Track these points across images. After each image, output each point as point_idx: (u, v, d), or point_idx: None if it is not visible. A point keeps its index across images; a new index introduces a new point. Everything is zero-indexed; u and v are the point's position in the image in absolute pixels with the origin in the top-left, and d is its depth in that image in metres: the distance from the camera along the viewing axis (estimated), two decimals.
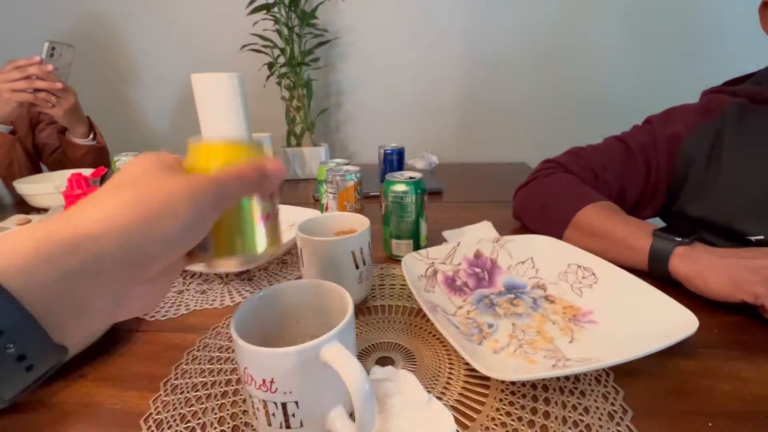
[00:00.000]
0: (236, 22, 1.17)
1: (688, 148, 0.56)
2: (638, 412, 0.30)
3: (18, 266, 0.16)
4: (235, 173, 0.23)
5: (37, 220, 0.74)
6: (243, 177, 0.23)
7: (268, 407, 0.26)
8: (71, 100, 0.93)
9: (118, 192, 0.20)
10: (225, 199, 0.23)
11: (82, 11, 1.32)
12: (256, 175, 0.24)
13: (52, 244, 0.17)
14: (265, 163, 0.24)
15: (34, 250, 0.17)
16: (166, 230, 0.20)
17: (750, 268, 0.39)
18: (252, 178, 0.24)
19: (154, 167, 0.21)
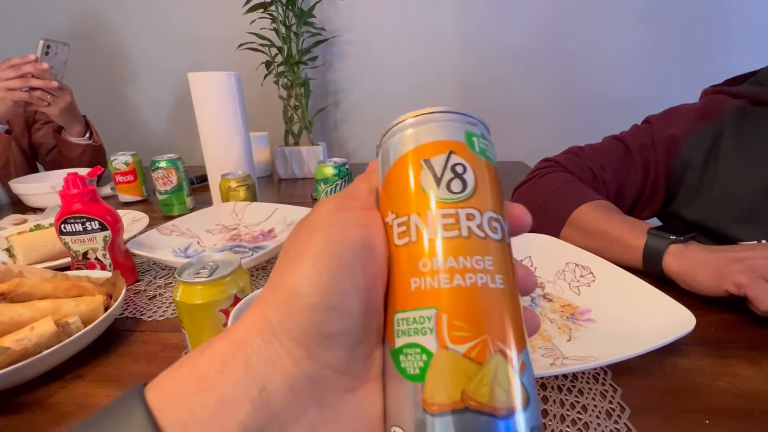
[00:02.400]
0: (233, 20, 1.16)
1: (686, 151, 0.57)
2: (636, 409, 0.30)
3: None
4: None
5: (33, 220, 0.74)
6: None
7: None
8: (67, 98, 0.93)
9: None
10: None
11: (78, 9, 1.32)
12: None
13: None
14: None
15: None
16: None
17: (733, 259, 0.39)
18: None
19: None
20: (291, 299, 0.14)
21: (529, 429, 0.13)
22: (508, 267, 0.15)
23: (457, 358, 0.13)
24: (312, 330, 0.14)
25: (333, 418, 0.14)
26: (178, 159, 0.78)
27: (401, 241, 0.15)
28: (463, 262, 0.14)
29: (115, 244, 0.50)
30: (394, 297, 0.15)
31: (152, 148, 1.37)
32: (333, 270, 0.14)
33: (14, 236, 0.57)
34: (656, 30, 1.16)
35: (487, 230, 0.15)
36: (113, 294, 0.43)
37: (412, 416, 0.14)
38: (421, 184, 0.16)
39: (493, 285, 0.14)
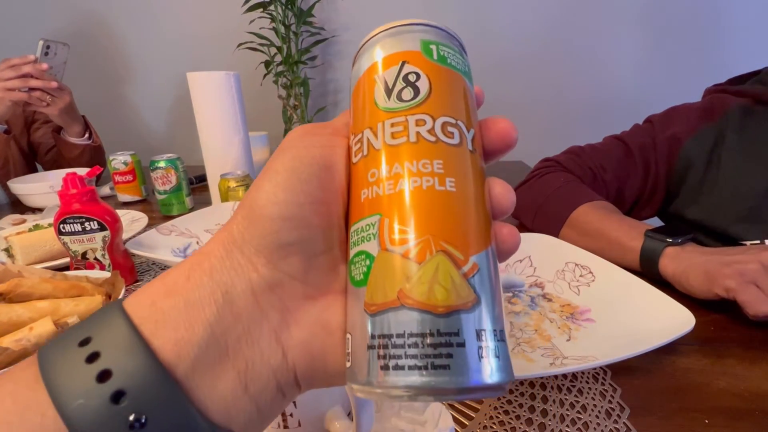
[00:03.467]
0: (232, 20, 1.16)
1: (688, 151, 0.56)
2: (635, 409, 0.30)
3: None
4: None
5: (32, 220, 0.74)
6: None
7: None
8: (66, 98, 0.92)
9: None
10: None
11: (77, 9, 1.31)
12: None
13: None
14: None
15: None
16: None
17: (723, 263, 0.39)
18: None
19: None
20: (251, 212, 0.15)
21: (474, 330, 0.13)
22: (466, 172, 0.15)
23: (395, 259, 0.13)
24: (269, 238, 0.14)
25: (293, 322, 0.15)
26: (177, 159, 0.78)
27: (356, 158, 0.16)
28: (408, 166, 0.14)
29: (114, 244, 0.50)
30: (350, 213, 0.16)
31: (151, 148, 1.37)
32: (289, 183, 0.15)
33: (13, 236, 0.57)
34: (657, 30, 1.16)
35: (440, 134, 0.15)
36: (112, 294, 0.43)
37: (357, 320, 0.14)
38: (374, 99, 0.15)
39: (441, 187, 0.14)
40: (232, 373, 0.13)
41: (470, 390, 0.12)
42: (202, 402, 0.13)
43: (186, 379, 0.13)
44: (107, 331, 0.13)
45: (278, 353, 0.14)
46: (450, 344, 0.12)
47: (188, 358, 0.13)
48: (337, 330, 0.15)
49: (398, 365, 0.12)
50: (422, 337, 0.12)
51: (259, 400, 0.14)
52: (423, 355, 0.12)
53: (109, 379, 0.12)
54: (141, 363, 0.12)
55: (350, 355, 0.14)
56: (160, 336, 0.13)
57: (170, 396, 0.12)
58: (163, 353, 0.13)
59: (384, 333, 0.13)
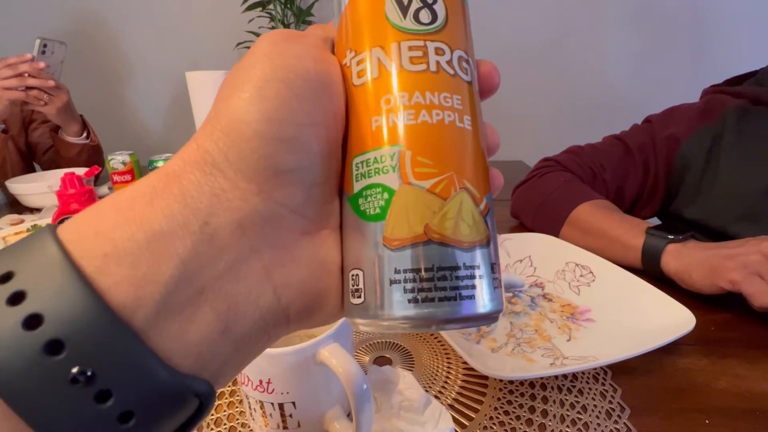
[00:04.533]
0: (231, 19, 1.16)
1: (686, 151, 0.57)
2: (636, 409, 0.30)
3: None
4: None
5: (30, 220, 0.73)
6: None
7: (265, 408, 0.26)
8: (64, 98, 0.92)
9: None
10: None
11: (75, 8, 1.31)
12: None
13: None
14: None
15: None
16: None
17: (726, 256, 0.39)
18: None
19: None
20: (234, 128, 0.12)
21: (489, 264, 0.14)
22: (477, 111, 0.15)
23: (420, 193, 0.13)
24: (262, 163, 0.12)
25: (288, 259, 0.13)
26: None
27: (360, 79, 0.14)
28: (430, 97, 0.13)
29: None
30: (351, 141, 0.14)
31: (150, 148, 1.37)
32: (284, 97, 0.12)
33: (11, 236, 0.56)
34: (656, 29, 1.16)
35: (457, 68, 0.14)
36: None
37: (372, 256, 0.13)
38: (385, 14, 0.14)
39: (460, 124, 0.14)
40: (209, 314, 0.11)
41: (487, 316, 0.13)
42: (166, 349, 0.11)
43: (147, 324, 0.10)
44: (34, 265, 0.10)
45: (268, 293, 0.13)
46: (474, 276, 0.13)
47: (151, 300, 0.11)
48: (335, 267, 0.14)
49: (428, 297, 0.13)
50: (451, 270, 0.13)
51: (240, 344, 0.12)
52: (452, 287, 0.13)
53: (40, 326, 0.10)
54: (81, 305, 0.10)
55: (362, 291, 0.13)
56: (110, 273, 0.10)
57: (124, 345, 0.10)
58: (114, 294, 0.10)
59: (411, 267, 0.13)
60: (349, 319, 0.14)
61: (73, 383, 0.10)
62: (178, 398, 0.11)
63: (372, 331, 0.14)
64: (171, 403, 0.11)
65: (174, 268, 0.11)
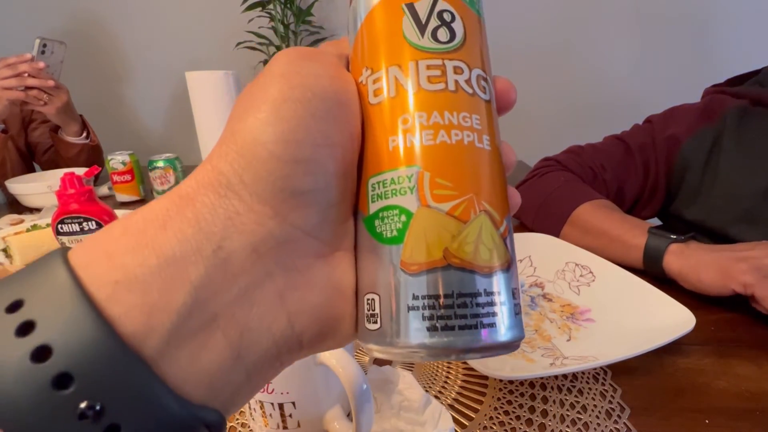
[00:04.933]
0: (231, 19, 1.16)
1: (686, 152, 0.57)
2: (636, 409, 0.30)
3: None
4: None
5: (30, 220, 0.73)
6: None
7: (265, 408, 0.26)
8: (63, 97, 0.92)
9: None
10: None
11: (74, 8, 1.31)
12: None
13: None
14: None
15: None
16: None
17: (738, 258, 0.39)
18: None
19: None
20: (250, 149, 0.12)
21: (510, 289, 0.13)
22: (495, 130, 0.14)
23: (440, 217, 0.13)
24: (278, 184, 0.12)
25: (302, 283, 0.13)
26: (176, 158, 0.78)
27: (377, 98, 0.14)
28: (449, 117, 0.13)
29: None
30: (367, 161, 0.14)
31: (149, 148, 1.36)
32: (301, 117, 0.12)
33: (11, 236, 0.56)
34: (656, 30, 1.16)
35: (476, 87, 0.14)
36: None
37: (389, 280, 0.13)
38: (402, 32, 0.14)
39: (479, 145, 0.13)
40: (221, 342, 0.11)
41: (508, 345, 0.13)
42: (177, 378, 0.10)
43: (158, 353, 0.10)
44: (44, 293, 0.10)
45: (282, 319, 0.12)
46: (495, 303, 0.13)
47: (162, 328, 0.10)
48: (349, 290, 0.14)
49: (447, 326, 0.12)
50: (472, 297, 0.12)
51: (252, 371, 0.12)
52: (472, 315, 0.12)
53: (49, 359, 0.09)
54: (90, 337, 0.09)
55: (378, 316, 0.13)
56: (120, 301, 0.10)
57: (133, 376, 0.10)
58: (125, 323, 0.10)
59: (430, 293, 0.12)
60: (363, 345, 0.14)
61: (82, 418, 0.09)
62: (187, 429, 0.11)
63: (391, 359, 0.13)
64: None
65: (186, 294, 0.11)
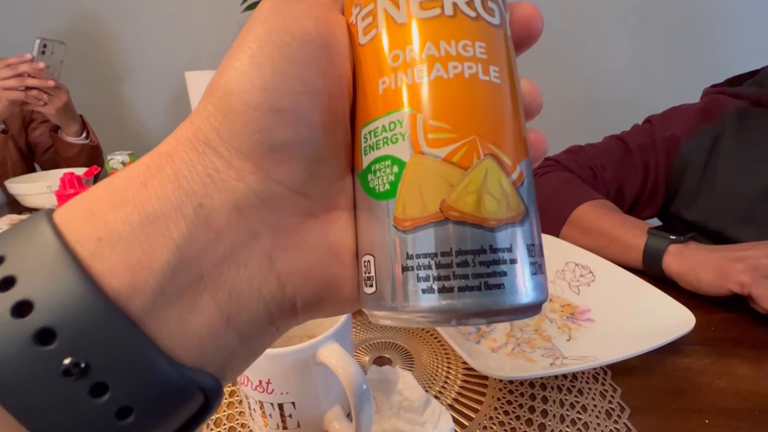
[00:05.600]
0: (231, 18, 1.16)
1: (686, 152, 0.57)
2: (636, 409, 0.30)
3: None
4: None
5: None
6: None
7: (265, 408, 0.26)
8: (63, 97, 0.92)
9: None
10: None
11: (75, 8, 1.31)
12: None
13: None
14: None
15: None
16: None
17: (735, 258, 0.39)
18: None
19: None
20: (226, 101, 0.11)
21: (526, 245, 0.11)
22: (508, 60, 0.12)
23: (435, 164, 0.11)
24: (256, 137, 0.11)
25: (291, 244, 0.12)
26: None
27: (367, 37, 0.12)
28: (445, 47, 0.11)
29: None
30: (359, 109, 0.12)
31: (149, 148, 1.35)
32: (278, 62, 0.11)
33: None
34: (656, 30, 1.16)
35: (480, 8, 0.12)
36: None
37: (382, 239, 0.11)
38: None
39: (485, 77, 0.11)
40: (209, 304, 0.11)
41: (523, 309, 0.11)
42: (166, 339, 0.10)
43: (145, 313, 0.10)
44: (27, 249, 0.10)
45: (272, 281, 0.12)
46: (503, 261, 0.11)
47: (147, 287, 0.10)
48: (347, 253, 0.13)
49: (445, 287, 0.11)
50: (473, 255, 0.11)
51: (246, 335, 0.12)
52: (474, 274, 0.11)
53: (30, 314, 0.09)
54: (74, 292, 0.09)
55: (374, 279, 0.12)
56: (105, 257, 0.10)
57: (120, 334, 0.09)
58: (110, 280, 0.10)
59: (425, 252, 0.11)
60: (366, 311, 0.13)
61: (66, 375, 0.09)
62: (181, 392, 0.10)
63: (391, 324, 0.12)
64: (174, 398, 0.10)
65: (169, 253, 0.10)
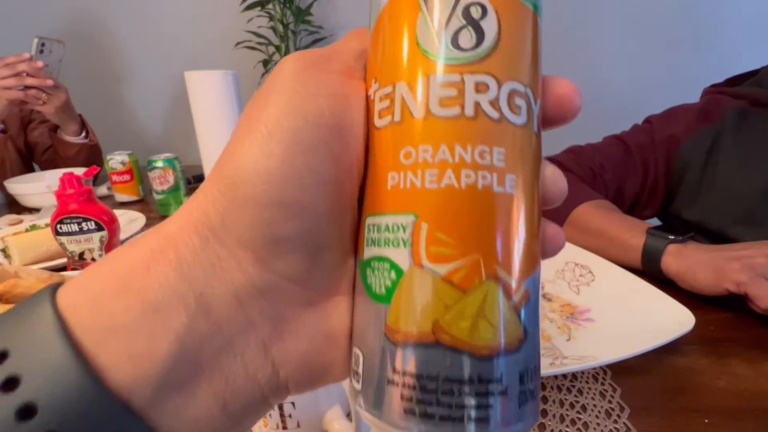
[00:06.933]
0: (231, 18, 1.16)
1: (685, 152, 0.57)
2: (635, 409, 0.30)
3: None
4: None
5: (29, 220, 0.73)
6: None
7: None
8: (62, 97, 0.92)
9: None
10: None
11: (73, 7, 1.31)
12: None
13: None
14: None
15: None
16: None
17: (732, 258, 0.39)
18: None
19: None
20: (232, 188, 0.11)
21: (518, 373, 0.11)
22: (529, 165, 0.11)
23: (433, 281, 0.10)
24: (258, 230, 0.11)
25: (287, 333, 0.12)
26: (175, 158, 0.78)
27: (382, 120, 0.11)
28: (460, 153, 0.11)
29: (112, 244, 0.50)
30: (367, 195, 0.12)
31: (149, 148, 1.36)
32: (287, 152, 0.11)
33: (10, 237, 0.56)
34: (656, 30, 1.16)
35: (505, 109, 0.11)
36: None
37: (373, 341, 0.11)
38: (416, 36, 0.11)
39: (499, 188, 0.11)
40: (207, 392, 0.11)
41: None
42: (166, 428, 0.10)
43: (146, 403, 0.10)
44: (32, 343, 0.10)
45: (267, 368, 0.12)
46: (492, 393, 0.10)
47: (149, 379, 0.10)
48: (343, 338, 0.13)
49: (427, 413, 0.10)
50: (459, 384, 0.10)
51: (239, 416, 0.12)
52: (458, 405, 0.10)
53: (34, 417, 0.09)
54: (79, 390, 0.09)
55: (360, 377, 0.12)
56: (109, 348, 0.10)
57: (124, 429, 0.10)
58: (113, 374, 0.10)
59: (412, 371, 0.10)
60: (350, 402, 0.12)
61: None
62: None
63: (372, 425, 0.12)
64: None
65: (171, 344, 0.10)
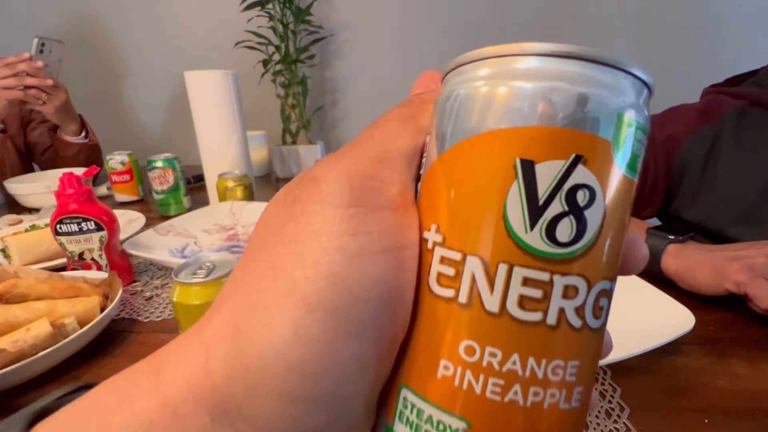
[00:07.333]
0: (230, 18, 1.16)
1: (685, 152, 0.57)
2: (635, 409, 0.30)
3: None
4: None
5: (28, 220, 0.73)
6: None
7: None
8: (62, 96, 0.92)
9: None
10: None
11: (73, 7, 1.30)
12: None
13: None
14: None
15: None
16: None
17: (732, 258, 0.39)
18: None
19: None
20: (257, 375, 0.09)
21: None
22: (593, 367, 0.11)
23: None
24: (283, 425, 0.09)
25: None
26: (175, 158, 0.78)
27: (443, 290, 0.10)
28: (533, 367, 0.09)
29: (111, 244, 0.50)
30: (408, 361, 0.10)
31: (148, 148, 1.36)
32: (329, 339, 0.09)
33: (9, 237, 0.56)
34: (656, 29, 1.16)
35: (589, 316, 0.10)
36: (109, 295, 0.43)
37: None
38: (504, 209, 0.09)
39: (565, 405, 0.10)
40: None
41: None
42: None
43: None
44: None
45: None
46: None
47: None
48: None
49: None
50: None
51: None
52: None
53: None
54: None
55: None
56: None
57: None
58: None
59: None
60: None
61: None
62: None
63: None
64: None
65: None
